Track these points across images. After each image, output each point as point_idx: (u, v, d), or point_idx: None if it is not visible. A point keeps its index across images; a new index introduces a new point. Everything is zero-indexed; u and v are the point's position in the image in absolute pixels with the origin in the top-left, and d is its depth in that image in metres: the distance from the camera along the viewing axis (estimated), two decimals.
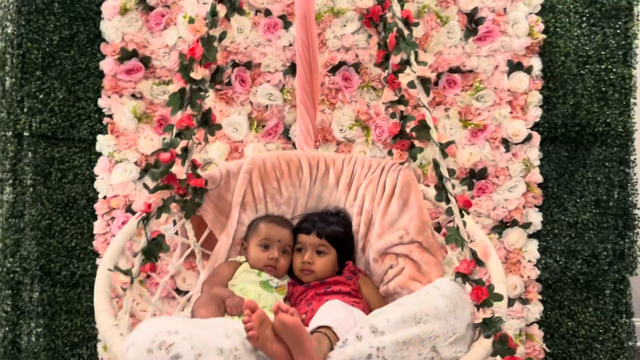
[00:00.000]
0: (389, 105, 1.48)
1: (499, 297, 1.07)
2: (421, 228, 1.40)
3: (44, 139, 1.83)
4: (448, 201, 1.18)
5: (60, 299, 1.84)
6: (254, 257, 1.36)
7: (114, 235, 1.79)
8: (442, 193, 1.20)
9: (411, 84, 1.25)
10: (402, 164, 1.51)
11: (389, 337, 0.98)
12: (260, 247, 1.37)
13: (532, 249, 1.87)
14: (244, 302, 1.18)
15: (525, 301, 1.87)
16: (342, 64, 1.84)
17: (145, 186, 1.20)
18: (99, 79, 1.83)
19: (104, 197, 1.84)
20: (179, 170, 1.20)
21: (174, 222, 1.43)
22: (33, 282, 1.83)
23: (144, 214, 1.17)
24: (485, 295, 1.05)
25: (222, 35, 1.24)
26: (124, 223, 1.80)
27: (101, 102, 1.83)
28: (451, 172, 1.19)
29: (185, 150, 1.31)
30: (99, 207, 1.83)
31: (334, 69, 1.84)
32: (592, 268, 1.88)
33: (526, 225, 1.87)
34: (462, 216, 1.16)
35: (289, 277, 1.42)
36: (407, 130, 1.44)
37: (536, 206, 1.89)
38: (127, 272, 1.14)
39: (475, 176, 1.87)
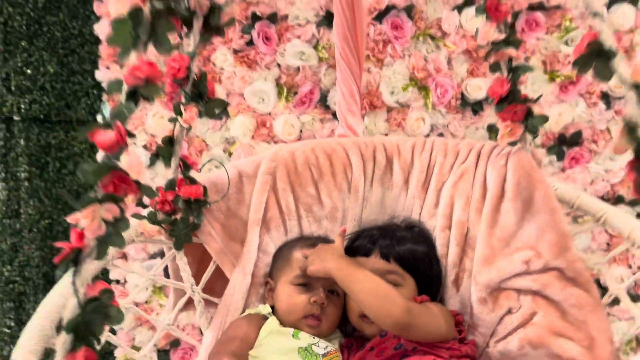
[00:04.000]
0: (491, 49, 0.99)
1: None
2: (560, 246, 0.92)
3: (36, 122, 1.56)
4: None
5: None
6: (286, 304, 0.92)
7: None
8: None
9: None
10: (512, 144, 1.03)
11: None
12: (296, 287, 0.92)
13: None
14: None
15: (636, 298, 1.51)
16: (390, 8, 1.48)
17: (69, 198, 0.69)
18: (95, 46, 1.55)
19: None
20: (134, 163, 0.68)
21: (162, 256, 1.06)
22: (37, 292, 1.60)
23: (72, 252, 0.66)
24: None
25: None
26: None
27: (99, 75, 1.54)
28: None
29: (170, 142, 0.89)
30: None
31: (380, 16, 1.49)
32: None
33: (634, 202, 1.52)
34: None
35: (343, 331, 0.97)
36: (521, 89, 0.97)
37: None
38: None
39: (566, 142, 1.53)
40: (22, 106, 1.53)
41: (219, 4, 0.79)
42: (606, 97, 1.50)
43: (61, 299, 0.75)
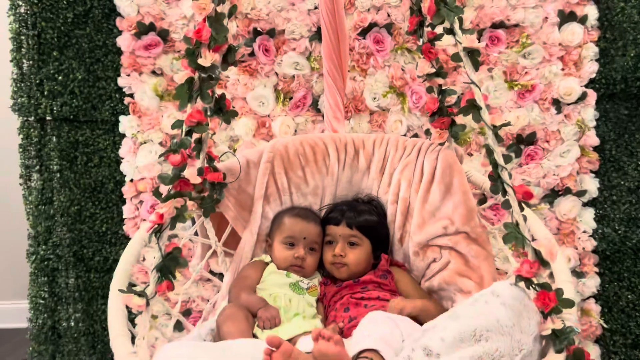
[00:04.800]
0: (425, 79, 1.32)
1: (570, 303, 0.92)
2: (467, 217, 1.24)
3: (66, 122, 1.77)
4: (505, 193, 1.00)
5: (95, 284, 1.82)
6: (278, 257, 1.25)
7: (144, 220, 1.76)
8: (497, 184, 1.02)
9: (456, 57, 1.06)
10: (441, 144, 1.35)
11: (445, 359, 0.85)
12: (285, 245, 1.25)
13: (587, 218, 1.74)
14: (278, 313, 1.12)
15: (580, 274, 1.74)
16: (372, 25, 1.69)
17: (156, 194, 1.06)
18: (117, 56, 1.74)
19: (131, 180, 1.78)
20: (192, 174, 1.07)
21: (193, 222, 1.32)
22: (68, 268, 1.81)
23: (156, 226, 1.03)
24: (553, 302, 0.90)
25: (232, 10, 1.08)
26: (152, 207, 1.75)
27: (121, 81, 1.75)
28: (507, 158, 1.03)
29: (199, 141, 1.19)
30: (127, 190, 1.78)
31: (364, 32, 1.70)
32: None
33: (580, 193, 1.72)
34: (522, 210, 0.98)
35: (321, 273, 1.32)
36: (447, 105, 1.29)
37: (592, 172, 1.73)
38: (141, 294, 0.99)
39: (523, 142, 1.73)
40: (54, 108, 1.73)
41: (234, 46, 1.07)
42: (557, 103, 1.69)
43: (133, 252, 1.12)
